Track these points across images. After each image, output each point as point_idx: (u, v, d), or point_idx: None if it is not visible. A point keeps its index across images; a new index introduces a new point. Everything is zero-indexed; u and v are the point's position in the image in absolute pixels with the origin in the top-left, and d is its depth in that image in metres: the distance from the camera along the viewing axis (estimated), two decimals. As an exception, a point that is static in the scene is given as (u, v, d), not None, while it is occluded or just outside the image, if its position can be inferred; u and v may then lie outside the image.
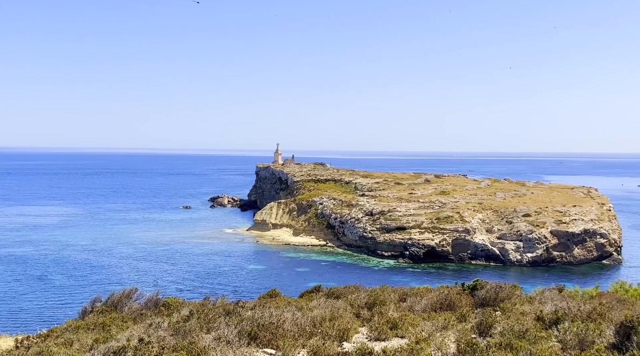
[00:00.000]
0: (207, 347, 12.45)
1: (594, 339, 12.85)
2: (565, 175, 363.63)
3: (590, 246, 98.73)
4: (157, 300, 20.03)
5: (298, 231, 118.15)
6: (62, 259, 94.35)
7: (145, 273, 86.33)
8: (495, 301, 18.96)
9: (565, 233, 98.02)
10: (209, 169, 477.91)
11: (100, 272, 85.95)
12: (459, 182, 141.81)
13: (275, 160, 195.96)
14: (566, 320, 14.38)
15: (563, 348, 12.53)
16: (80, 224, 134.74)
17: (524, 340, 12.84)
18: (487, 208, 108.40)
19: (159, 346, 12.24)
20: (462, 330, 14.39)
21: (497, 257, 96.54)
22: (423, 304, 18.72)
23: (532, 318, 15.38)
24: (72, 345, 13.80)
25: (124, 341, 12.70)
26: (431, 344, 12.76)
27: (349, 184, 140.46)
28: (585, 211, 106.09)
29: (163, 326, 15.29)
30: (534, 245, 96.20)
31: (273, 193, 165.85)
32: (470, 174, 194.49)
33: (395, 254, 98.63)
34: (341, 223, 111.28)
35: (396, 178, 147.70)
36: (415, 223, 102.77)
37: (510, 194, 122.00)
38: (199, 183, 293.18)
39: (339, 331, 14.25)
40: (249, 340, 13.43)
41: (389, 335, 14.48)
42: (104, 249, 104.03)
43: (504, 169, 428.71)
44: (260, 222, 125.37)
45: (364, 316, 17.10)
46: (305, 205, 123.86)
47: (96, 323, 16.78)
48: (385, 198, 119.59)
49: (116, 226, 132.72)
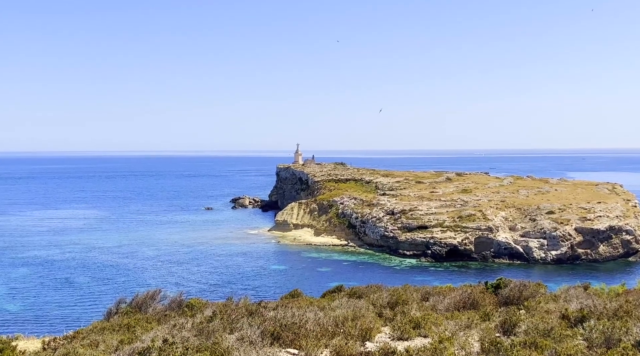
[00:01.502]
0: (230, 347, 12.52)
1: (620, 337, 12.67)
2: (589, 171, 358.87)
3: (616, 243, 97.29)
4: (181, 301, 20.19)
5: (319, 231, 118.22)
6: (87, 261, 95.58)
7: (168, 274, 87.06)
8: (519, 299, 18.79)
9: (590, 230, 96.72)
10: (230, 170, 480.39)
11: (125, 274, 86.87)
12: (480, 180, 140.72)
13: (296, 160, 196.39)
14: (592, 318, 14.20)
15: (589, 347, 12.38)
16: (104, 227, 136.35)
17: (549, 338, 12.71)
18: (510, 206, 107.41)
19: (183, 346, 12.34)
20: (485, 329, 14.28)
21: (520, 255, 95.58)
22: (446, 303, 18.63)
23: (557, 316, 15.22)
24: (97, 346, 13.97)
25: (149, 342, 12.82)
26: (454, 343, 12.68)
27: (369, 184, 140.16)
28: (610, 207, 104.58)
29: (187, 326, 15.41)
30: (558, 243, 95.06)
31: (294, 193, 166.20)
32: (492, 172, 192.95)
33: (417, 254, 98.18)
34: (362, 223, 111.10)
35: (417, 176, 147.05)
36: (437, 221, 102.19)
37: (534, 191, 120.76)
38: (220, 185, 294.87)
39: (361, 331, 14.23)
40: (272, 340, 13.48)
41: (412, 334, 14.42)
42: (128, 251, 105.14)
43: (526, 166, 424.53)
44: (282, 222, 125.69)
45: (387, 315, 17.06)
46: (326, 205, 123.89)
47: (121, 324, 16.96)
48: (407, 197, 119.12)
49: (140, 228, 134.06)
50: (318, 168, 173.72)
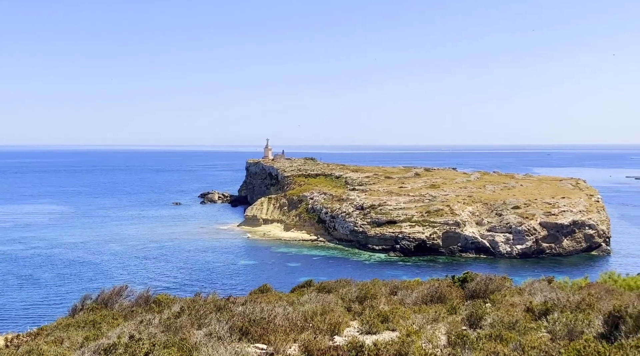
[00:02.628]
0: (198, 343, 12.44)
1: (582, 329, 12.94)
2: (554, 167, 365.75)
3: (579, 237, 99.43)
4: (148, 297, 19.96)
5: (289, 226, 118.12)
6: (52, 257, 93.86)
7: (135, 270, 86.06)
8: (485, 293, 19.06)
9: (554, 224, 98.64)
10: (198, 165, 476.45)
11: (91, 270, 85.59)
12: (448, 175, 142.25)
13: (266, 155, 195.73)
14: (555, 311, 14.47)
15: (552, 339, 12.62)
16: (70, 222, 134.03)
17: (514, 331, 12.92)
18: (476, 201, 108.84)
19: (150, 343, 12.21)
20: (452, 322, 14.46)
21: (487, 249, 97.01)
22: (414, 297, 18.79)
23: (521, 309, 15.47)
24: (62, 343, 13.73)
25: (115, 339, 12.65)
26: (422, 336, 12.81)
27: (339, 179, 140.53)
28: (574, 202, 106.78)
29: (154, 322, 15.25)
30: (524, 237, 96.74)
31: (263, 188, 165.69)
32: (459, 168, 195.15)
33: (386, 248, 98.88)
34: (332, 218, 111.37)
35: (386, 171, 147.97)
36: (406, 216, 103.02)
37: (500, 186, 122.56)
38: (189, 179, 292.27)
39: (330, 326, 14.27)
40: (241, 335, 13.43)
41: (380, 328, 14.52)
42: (94, 246, 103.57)
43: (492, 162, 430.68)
44: (251, 217, 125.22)
45: (355, 310, 17.13)
46: (296, 200, 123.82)
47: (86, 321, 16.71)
48: (376, 192, 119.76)
49: (106, 224, 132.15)
50: (288, 163, 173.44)
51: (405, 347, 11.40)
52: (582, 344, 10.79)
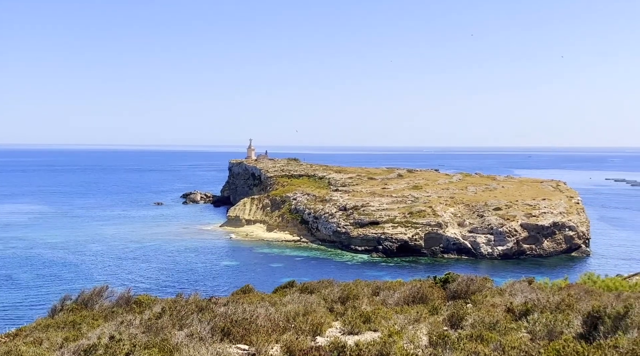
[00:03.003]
0: (179, 344, 12.37)
1: (562, 329, 13.09)
2: (535, 169, 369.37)
3: (560, 238, 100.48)
4: (129, 298, 19.82)
5: (272, 226, 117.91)
6: (31, 257, 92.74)
7: (117, 270, 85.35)
8: (466, 293, 19.19)
9: (535, 226, 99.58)
10: (181, 165, 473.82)
11: (71, 270, 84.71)
12: (431, 176, 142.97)
13: (248, 156, 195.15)
14: (535, 311, 14.61)
15: (532, 339, 12.74)
16: (50, 222, 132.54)
17: (495, 331, 13.02)
18: (458, 202, 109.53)
19: (131, 343, 12.12)
20: (434, 323, 14.54)
21: (468, 250, 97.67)
22: (396, 297, 18.86)
23: (502, 309, 15.60)
24: (41, 344, 13.58)
25: (95, 339, 12.54)
26: (403, 337, 12.87)
27: (322, 180, 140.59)
28: (555, 204, 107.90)
29: (135, 323, 15.14)
30: (505, 238, 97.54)
31: (246, 188, 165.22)
32: (441, 169, 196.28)
33: (369, 249, 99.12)
34: (315, 218, 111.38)
35: (369, 172, 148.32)
36: (389, 217, 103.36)
37: (481, 188, 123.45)
38: (171, 179, 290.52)
39: (312, 326, 14.27)
40: (222, 335, 13.38)
41: (362, 328, 14.55)
42: (74, 247, 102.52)
43: (474, 164, 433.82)
44: (234, 218, 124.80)
45: (338, 310, 17.16)
46: (279, 201, 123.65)
47: (66, 322, 16.54)
48: (359, 193, 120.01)
49: (87, 224, 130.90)
50: (271, 164, 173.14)
51: (387, 347, 11.44)
52: (561, 344, 10.91)
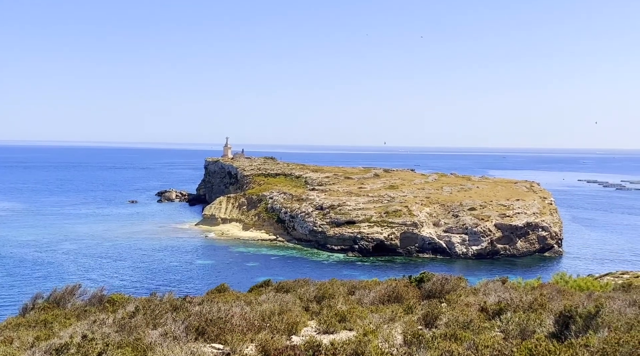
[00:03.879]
0: (153, 343, 12.26)
1: (534, 329, 13.25)
2: (509, 170, 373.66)
3: (533, 238, 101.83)
4: (102, 296, 19.60)
5: (248, 225, 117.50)
6: (2, 255, 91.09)
7: (89, 269, 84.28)
8: (441, 293, 19.34)
9: (509, 226, 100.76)
10: (156, 163, 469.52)
11: (43, 269, 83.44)
12: (407, 176, 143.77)
13: (225, 154, 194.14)
14: (509, 311, 14.78)
15: (505, 338, 12.88)
16: (21, 220, 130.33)
17: (468, 330, 13.14)
18: (434, 202, 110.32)
19: (104, 342, 11.98)
20: (408, 322, 14.62)
21: (443, 250, 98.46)
22: (371, 297, 18.93)
23: (476, 309, 15.75)
24: (11, 343, 13.36)
25: (67, 338, 12.37)
26: (378, 336, 12.91)
27: (299, 179, 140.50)
28: (528, 205, 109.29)
29: (108, 322, 14.97)
30: (479, 238, 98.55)
31: (222, 187, 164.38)
32: (417, 169, 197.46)
33: (345, 248, 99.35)
34: (291, 217, 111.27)
35: (346, 172, 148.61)
36: (365, 217, 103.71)
37: (457, 188, 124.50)
38: (145, 177, 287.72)
39: (287, 325, 14.25)
40: (197, 335, 13.29)
41: (338, 327, 14.58)
42: (46, 245, 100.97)
43: (449, 164, 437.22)
44: (209, 217, 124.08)
45: (313, 309, 17.16)
46: (255, 199, 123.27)
47: (37, 320, 16.30)
48: (335, 192, 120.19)
49: (60, 222, 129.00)
50: (247, 162, 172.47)
51: (362, 346, 11.48)
52: (533, 343, 11.04)
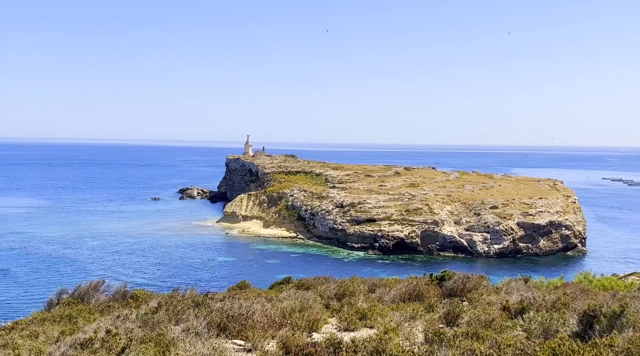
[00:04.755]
0: (175, 338, 12.38)
1: (557, 328, 13.12)
2: (532, 168, 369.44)
3: (556, 237, 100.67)
4: (125, 292, 19.83)
5: (268, 223, 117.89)
6: (28, 251, 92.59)
7: (113, 265, 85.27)
8: (462, 291, 19.23)
9: (531, 224, 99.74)
10: (178, 160, 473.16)
11: (68, 264, 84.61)
12: (428, 174, 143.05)
13: (246, 152, 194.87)
14: (531, 310, 14.65)
15: (528, 337, 12.77)
16: (46, 216, 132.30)
17: (490, 329, 13.06)
18: (455, 200, 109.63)
19: (127, 338, 12.13)
20: (429, 320, 14.57)
21: (464, 248, 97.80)
22: (392, 295, 18.90)
23: (498, 308, 15.64)
24: (37, 337, 13.58)
25: (91, 333, 12.54)
26: (399, 334, 12.89)
27: (319, 176, 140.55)
28: (551, 203, 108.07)
29: (131, 318, 15.14)
30: (501, 237, 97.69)
31: (243, 184, 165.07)
32: (438, 167, 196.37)
33: (365, 246, 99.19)
34: (312, 215, 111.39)
35: (366, 170, 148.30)
36: (385, 214, 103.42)
37: (478, 186, 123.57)
38: (168, 175, 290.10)
39: (308, 322, 14.29)
40: (219, 331, 13.39)
41: (358, 325, 14.58)
42: (71, 241, 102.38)
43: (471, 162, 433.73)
44: (230, 214, 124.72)
45: (334, 307, 17.18)
46: (276, 197, 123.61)
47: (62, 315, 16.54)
48: (356, 190, 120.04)
49: (84, 218, 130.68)
50: (268, 160, 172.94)
51: (382, 344, 11.46)
52: (556, 342, 10.94)
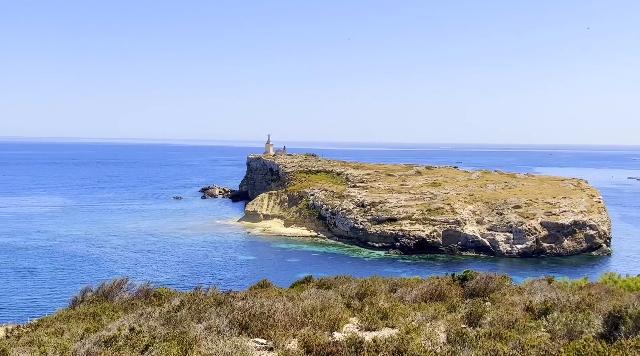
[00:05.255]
0: (198, 337, 12.47)
1: (582, 329, 12.95)
2: (555, 167, 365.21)
3: (580, 237, 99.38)
4: (148, 290, 20.03)
5: (289, 222, 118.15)
6: (52, 249, 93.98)
7: (136, 263, 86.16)
8: (485, 291, 19.09)
9: (555, 224, 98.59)
10: (200, 159, 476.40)
11: (91, 262, 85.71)
12: (449, 173, 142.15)
13: (267, 151, 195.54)
14: (555, 310, 14.49)
15: (552, 338, 12.63)
16: (71, 215, 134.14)
17: (513, 329, 12.93)
18: (477, 200, 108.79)
19: (150, 335, 12.25)
20: (452, 320, 14.48)
21: (487, 248, 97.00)
22: (413, 294, 18.82)
23: (521, 308, 15.49)
24: (62, 334, 13.77)
25: (115, 331, 12.69)
26: (421, 334, 12.83)
27: (340, 176, 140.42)
28: (575, 202, 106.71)
29: (154, 316, 15.28)
30: (524, 237, 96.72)
31: (264, 183, 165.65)
32: (460, 166, 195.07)
33: (386, 246, 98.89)
34: (332, 214, 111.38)
35: (387, 169, 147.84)
36: (406, 214, 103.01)
37: (501, 185, 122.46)
38: (190, 174, 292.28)
39: (329, 321, 14.29)
40: (240, 329, 13.46)
41: (380, 325, 14.55)
42: (95, 239, 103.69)
43: (494, 161, 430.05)
44: (251, 213, 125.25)
45: (355, 306, 17.16)
46: (297, 196, 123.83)
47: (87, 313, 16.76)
48: (377, 189, 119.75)
49: (107, 217, 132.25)
50: (289, 159, 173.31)
51: (404, 344, 11.42)
52: (581, 343, 10.80)
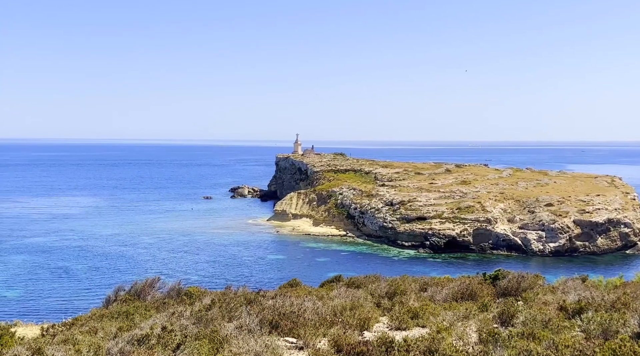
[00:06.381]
0: (229, 336, 12.56)
1: (618, 329, 12.70)
2: (588, 164, 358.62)
3: (614, 235, 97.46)
4: (180, 289, 20.24)
5: (318, 221, 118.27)
6: (86, 249, 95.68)
7: (167, 262, 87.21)
8: (517, 291, 18.85)
9: (588, 222, 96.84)
10: (229, 160, 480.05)
11: (124, 262, 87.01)
12: (480, 171, 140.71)
13: (295, 150, 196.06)
14: (590, 310, 14.24)
15: (587, 338, 12.40)
16: (103, 215, 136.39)
17: (547, 329, 12.74)
18: (508, 198, 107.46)
19: (182, 334, 12.38)
20: (483, 320, 14.32)
21: (519, 247, 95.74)
22: (444, 294, 18.68)
23: (554, 307, 15.25)
24: (96, 333, 14.00)
25: (147, 329, 12.84)
26: (452, 333, 12.72)
27: (368, 174, 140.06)
28: (609, 200, 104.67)
29: (185, 314, 15.44)
30: (557, 235, 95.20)
31: (293, 183, 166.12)
32: (490, 164, 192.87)
33: (416, 245, 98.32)
34: (361, 213, 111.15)
35: (416, 167, 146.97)
36: (436, 213, 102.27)
37: (533, 183, 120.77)
38: (219, 174, 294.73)
39: (359, 321, 14.26)
40: (270, 328, 13.51)
41: (410, 324, 14.46)
42: (126, 239, 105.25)
43: (525, 158, 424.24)
44: (280, 212, 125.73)
45: (385, 305, 17.10)
46: (325, 195, 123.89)
47: (120, 312, 17.00)
48: (406, 188, 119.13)
49: (139, 217, 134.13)
50: (317, 158, 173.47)
51: (435, 344, 11.33)
52: (617, 343, 10.59)
